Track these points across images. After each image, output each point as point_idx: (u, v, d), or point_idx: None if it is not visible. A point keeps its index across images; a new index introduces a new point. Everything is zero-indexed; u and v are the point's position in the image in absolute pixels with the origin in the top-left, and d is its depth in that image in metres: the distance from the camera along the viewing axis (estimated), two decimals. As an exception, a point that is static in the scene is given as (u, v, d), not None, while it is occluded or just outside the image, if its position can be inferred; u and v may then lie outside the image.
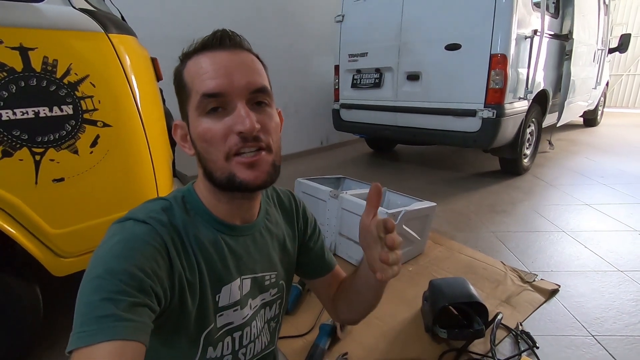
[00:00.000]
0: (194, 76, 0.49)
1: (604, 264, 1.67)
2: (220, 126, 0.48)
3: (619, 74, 8.20)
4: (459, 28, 2.59)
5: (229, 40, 0.50)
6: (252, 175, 0.49)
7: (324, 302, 0.76)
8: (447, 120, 2.75)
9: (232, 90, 0.48)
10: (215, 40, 0.49)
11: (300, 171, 3.36)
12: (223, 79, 0.47)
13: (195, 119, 0.49)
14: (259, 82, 0.50)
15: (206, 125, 0.48)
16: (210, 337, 0.54)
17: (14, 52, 0.87)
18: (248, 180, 0.49)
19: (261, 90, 0.50)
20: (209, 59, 0.49)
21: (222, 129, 0.48)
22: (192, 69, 0.50)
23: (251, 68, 0.50)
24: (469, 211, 2.37)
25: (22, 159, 0.91)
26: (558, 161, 3.59)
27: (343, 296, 0.70)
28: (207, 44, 0.50)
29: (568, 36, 3.16)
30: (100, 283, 0.39)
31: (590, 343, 1.18)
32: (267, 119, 0.51)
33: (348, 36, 3.36)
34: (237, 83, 0.48)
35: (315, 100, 4.18)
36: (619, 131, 5.22)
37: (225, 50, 0.49)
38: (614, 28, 7.17)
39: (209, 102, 0.48)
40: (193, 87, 0.49)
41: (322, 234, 0.76)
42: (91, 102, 1.00)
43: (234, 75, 0.48)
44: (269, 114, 0.52)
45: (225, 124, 0.48)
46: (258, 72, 0.51)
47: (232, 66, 0.48)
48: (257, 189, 0.51)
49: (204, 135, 0.49)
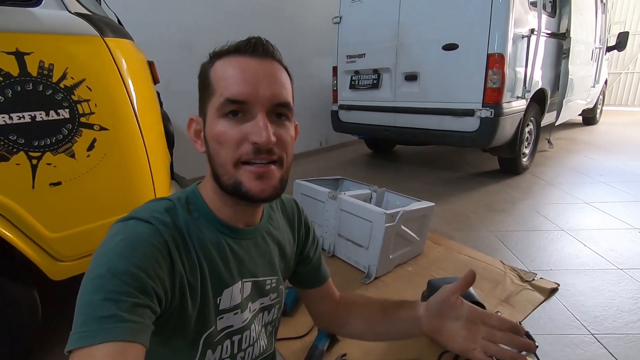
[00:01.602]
0: (220, 78, 0.49)
1: (603, 262, 1.67)
2: (236, 131, 0.48)
3: (618, 72, 8.20)
4: (456, 28, 2.59)
5: (262, 49, 0.50)
6: (258, 188, 0.49)
7: (315, 312, 0.76)
8: (445, 120, 2.75)
9: (255, 99, 0.48)
10: (249, 47, 0.49)
11: (300, 172, 3.36)
12: (249, 87, 0.47)
13: (214, 119, 0.50)
14: (284, 97, 0.50)
15: (223, 127, 0.48)
16: (210, 340, 0.54)
17: (10, 56, 0.87)
18: (254, 192, 0.49)
19: (284, 104, 0.51)
20: (239, 63, 0.49)
21: (237, 135, 0.48)
22: (220, 70, 0.50)
23: (278, 80, 0.50)
24: (468, 211, 2.37)
25: (18, 163, 0.91)
26: (557, 160, 3.58)
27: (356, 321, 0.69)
28: (240, 48, 0.50)
29: (565, 35, 3.16)
30: (102, 282, 0.39)
31: (589, 341, 1.18)
32: (285, 132, 0.51)
33: (346, 37, 3.37)
34: (262, 93, 0.48)
35: (314, 102, 4.19)
36: (618, 129, 5.22)
37: (256, 58, 0.49)
38: (612, 26, 7.17)
39: (230, 106, 0.48)
40: (218, 88, 0.49)
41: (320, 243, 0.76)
42: (87, 106, 1.00)
43: (260, 85, 0.48)
44: (287, 128, 0.52)
45: (241, 130, 0.48)
46: (284, 85, 0.51)
47: (259, 75, 0.48)
48: (261, 201, 0.51)
49: (219, 137, 0.49)
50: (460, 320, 0.52)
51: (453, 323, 0.53)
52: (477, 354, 0.49)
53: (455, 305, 0.53)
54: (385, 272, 1.62)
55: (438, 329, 0.54)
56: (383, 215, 1.51)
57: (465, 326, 0.52)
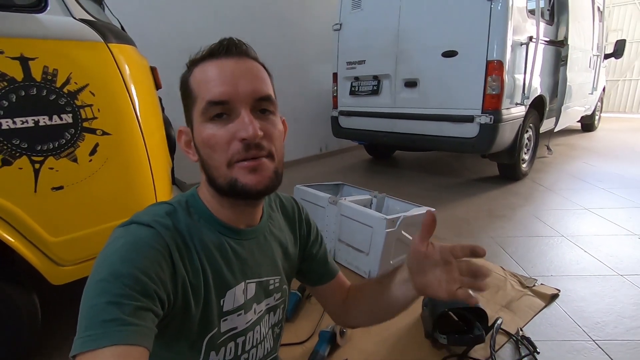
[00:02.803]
0: (200, 83, 0.50)
1: (604, 268, 1.66)
2: (223, 132, 0.48)
3: (615, 80, 8.27)
4: (455, 35, 2.62)
5: (235, 49, 0.51)
6: (254, 180, 0.49)
7: (329, 308, 0.76)
8: (445, 126, 2.76)
9: (237, 97, 0.48)
10: (222, 48, 0.50)
11: (300, 178, 3.37)
12: (228, 86, 0.48)
13: (200, 124, 0.50)
14: (264, 90, 0.51)
15: (210, 131, 0.49)
16: (213, 342, 0.54)
17: (15, 62, 0.88)
18: (250, 185, 0.49)
19: (266, 98, 0.51)
20: (215, 66, 0.49)
21: (225, 135, 0.48)
22: (199, 76, 0.50)
23: (256, 76, 0.51)
24: (468, 216, 2.37)
25: (21, 167, 0.92)
26: (556, 166, 3.60)
27: (362, 304, 0.70)
28: (214, 51, 0.50)
29: (563, 42, 3.20)
30: (105, 286, 0.40)
31: (591, 348, 1.18)
32: (271, 126, 0.51)
33: (346, 44, 3.39)
34: (242, 91, 0.48)
35: (314, 108, 4.21)
36: (617, 136, 5.25)
37: (232, 58, 0.50)
38: (609, 34, 7.25)
39: (214, 109, 0.48)
40: (199, 94, 0.50)
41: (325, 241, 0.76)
42: (90, 111, 1.00)
43: (239, 83, 0.48)
44: (273, 121, 0.52)
45: (228, 130, 0.48)
46: (263, 80, 0.52)
47: (237, 74, 0.49)
48: (259, 194, 0.51)
49: (208, 141, 0.49)
50: (439, 266, 0.51)
51: (433, 272, 0.52)
52: (460, 293, 0.50)
53: (428, 253, 0.52)
54: (386, 277, 1.61)
55: (424, 285, 0.53)
56: (384, 221, 1.51)
57: (444, 269, 0.51)
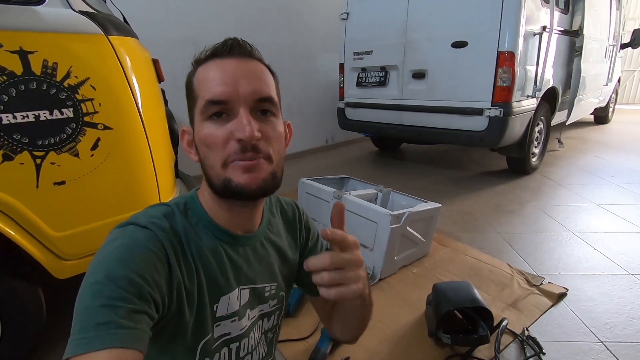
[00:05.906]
0: (201, 82, 0.50)
1: (614, 267, 1.63)
2: (221, 132, 0.48)
3: (631, 70, 8.03)
4: (465, 25, 2.54)
5: (238, 49, 0.50)
6: (248, 179, 0.48)
7: (322, 320, 0.74)
8: (453, 118, 2.71)
9: (236, 97, 0.47)
10: (225, 48, 0.50)
11: (305, 170, 3.35)
12: (229, 86, 0.47)
13: (199, 123, 0.50)
14: (265, 91, 0.50)
15: (208, 130, 0.48)
16: (207, 347, 0.54)
17: (14, 55, 0.87)
18: (244, 184, 0.48)
19: (266, 99, 0.50)
20: (218, 66, 0.49)
21: (223, 135, 0.47)
22: (201, 75, 0.50)
23: (258, 77, 0.50)
24: (475, 211, 2.33)
25: (23, 162, 0.91)
26: (567, 160, 3.52)
27: (335, 316, 0.68)
28: (217, 51, 0.50)
29: (578, 32, 3.09)
30: (100, 288, 0.39)
31: (599, 349, 1.15)
32: (270, 128, 0.50)
33: (353, 34, 3.33)
34: (242, 91, 0.48)
35: (320, 99, 4.16)
36: (631, 128, 5.11)
37: (234, 59, 0.49)
38: (627, 23, 7.00)
39: (212, 108, 0.48)
40: (200, 93, 0.49)
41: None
42: (92, 105, 0.99)
43: (240, 83, 0.48)
44: (273, 123, 0.51)
45: (226, 129, 0.47)
46: (265, 81, 0.51)
47: (239, 74, 0.48)
48: (253, 194, 0.49)
49: (205, 140, 0.49)
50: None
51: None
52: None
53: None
54: (390, 273, 1.60)
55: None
56: (388, 217, 1.49)
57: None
